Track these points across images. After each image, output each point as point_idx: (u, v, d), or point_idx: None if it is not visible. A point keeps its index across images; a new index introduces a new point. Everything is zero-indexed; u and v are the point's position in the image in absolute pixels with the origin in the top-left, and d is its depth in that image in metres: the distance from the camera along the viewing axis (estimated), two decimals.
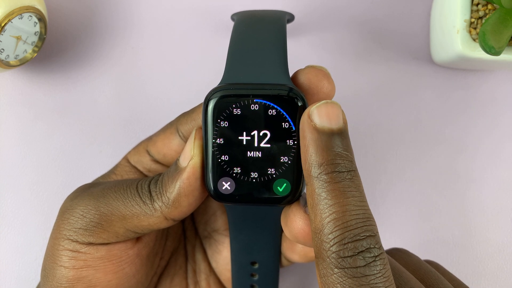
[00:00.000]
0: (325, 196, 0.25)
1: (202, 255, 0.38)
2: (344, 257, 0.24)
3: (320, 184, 0.25)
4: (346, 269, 0.24)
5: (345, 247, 0.24)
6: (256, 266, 0.36)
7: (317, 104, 0.27)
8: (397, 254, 0.34)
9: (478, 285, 0.45)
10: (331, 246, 0.24)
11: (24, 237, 0.45)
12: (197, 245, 0.39)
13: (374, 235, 0.25)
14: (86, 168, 0.46)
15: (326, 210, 0.25)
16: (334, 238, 0.24)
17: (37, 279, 0.45)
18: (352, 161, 0.26)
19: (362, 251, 0.24)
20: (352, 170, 0.26)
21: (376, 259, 0.24)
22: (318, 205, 0.25)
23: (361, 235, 0.24)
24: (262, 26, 0.33)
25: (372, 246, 0.25)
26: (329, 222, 0.25)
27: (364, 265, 0.24)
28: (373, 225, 0.25)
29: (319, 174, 0.26)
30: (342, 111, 0.27)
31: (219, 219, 0.38)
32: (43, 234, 0.45)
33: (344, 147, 0.26)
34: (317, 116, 0.26)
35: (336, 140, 0.26)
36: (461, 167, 0.46)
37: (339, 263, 0.24)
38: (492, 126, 0.46)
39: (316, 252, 0.26)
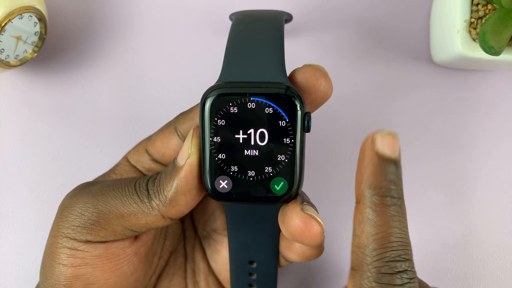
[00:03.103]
0: (374, 216, 0.28)
1: (201, 255, 0.38)
2: (384, 273, 0.27)
3: (371, 204, 0.28)
4: (383, 285, 0.27)
5: (386, 264, 0.27)
6: (254, 265, 0.36)
7: (382, 132, 0.29)
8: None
9: (478, 285, 0.45)
10: (374, 261, 0.27)
11: (24, 237, 0.46)
12: (197, 245, 0.39)
13: (410, 259, 0.27)
14: (86, 168, 0.46)
15: (373, 229, 0.27)
16: (378, 254, 0.27)
17: (37, 279, 0.45)
18: (402, 190, 0.29)
19: (400, 271, 0.27)
20: (401, 198, 0.28)
21: (411, 281, 0.27)
22: (367, 223, 0.28)
23: (401, 257, 0.27)
24: (259, 25, 0.33)
25: (409, 269, 0.27)
26: (375, 240, 0.27)
27: (401, 284, 0.27)
28: (411, 251, 0.28)
29: (373, 195, 0.28)
30: (399, 144, 0.29)
31: (218, 219, 0.38)
32: (43, 234, 0.45)
33: (398, 176, 0.29)
34: (380, 143, 0.28)
35: (392, 168, 0.28)
36: (461, 167, 0.46)
37: (378, 278, 0.27)
38: (492, 126, 0.46)
39: (356, 265, 0.28)
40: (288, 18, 0.38)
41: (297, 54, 0.46)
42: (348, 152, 0.46)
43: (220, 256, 0.38)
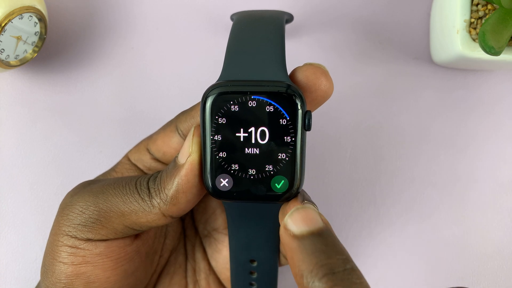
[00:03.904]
0: None
1: (201, 254, 0.38)
2: None
3: None
4: None
5: None
6: (255, 264, 0.36)
7: (289, 212, 0.26)
8: None
9: (478, 285, 0.45)
10: None
11: (24, 237, 0.45)
12: (197, 244, 0.39)
13: None
14: (86, 168, 0.46)
15: None
16: None
17: (37, 279, 0.45)
18: (344, 258, 0.25)
19: None
20: (347, 268, 0.24)
21: None
22: None
23: None
24: (260, 25, 0.33)
25: None
26: None
27: None
28: None
29: (313, 282, 0.24)
30: (319, 212, 0.26)
31: (219, 218, 0.38)
32: (43, 234, 0.45)
33: (332, 246, 0.25)
34: (292, 225, 0.26)
35: (319, 241, 0.25)
36: (461, 167, 0.46)
37: None
38: (492, 126, 0.46)
39: None
40: (289, 18, 0.38)
41: (297, 54, 0.46)
42: (348, 151, 0.46)
43: (221, 255, 0.38)
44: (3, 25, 0.39)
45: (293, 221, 0.26)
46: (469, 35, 0.39)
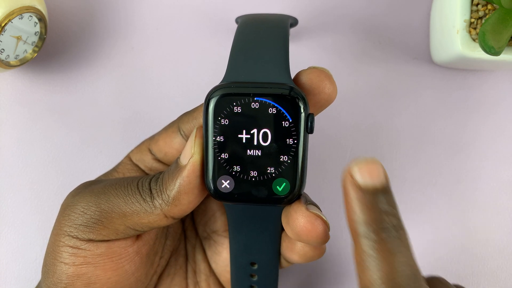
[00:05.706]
0: (373, 254, 0.25)
1: (202, 256, 0.38)
2: None
3: (367, 242, 0.25)
4: None
5: None
6: (256, 266, 0.35)
7: (357, 161, 0.27)
8: (436, 284, 0.33)
9: (478, 285, 0.45)
10: None
11: (24, 237, 0.45)
12: (197, 245, 0.39)
13: None
14: (86, 169, 0.46)
15: (375, 269, 0.25)
16: None
17: (37, 279, 0.45)
18: (398, 219, 0.26)
19: None
20: (400, 228, 0.26)
21: None
22: (366, 262, 0.25)
23: None
24: (265, 28, 0.33)
25: None
26: (377, 280, 0.25)
27: None
28: (421, 282, 0.25)
29: (367, 232, 0.25)
30: (383, 167, 0.27)
31: (219, 220, 0.38)
32: (43, 234, 0.45)
33: (389, 204, 0.26)
34: (359, 174, 0.26)
35: (381, 197, 0.26)
36: (461, 167, 0.46)
37: None
38: (492, 125, 0.46)
39: None
40: (293, 22, 0.38)
41: (298, 56, 0.46)
42: (348, 151, 0.46)
43: (221, 258, 0.38)
44: (3, 25, 0.39)
45: (360, 172, 0.26)
46: (469, 35, 0.39)
